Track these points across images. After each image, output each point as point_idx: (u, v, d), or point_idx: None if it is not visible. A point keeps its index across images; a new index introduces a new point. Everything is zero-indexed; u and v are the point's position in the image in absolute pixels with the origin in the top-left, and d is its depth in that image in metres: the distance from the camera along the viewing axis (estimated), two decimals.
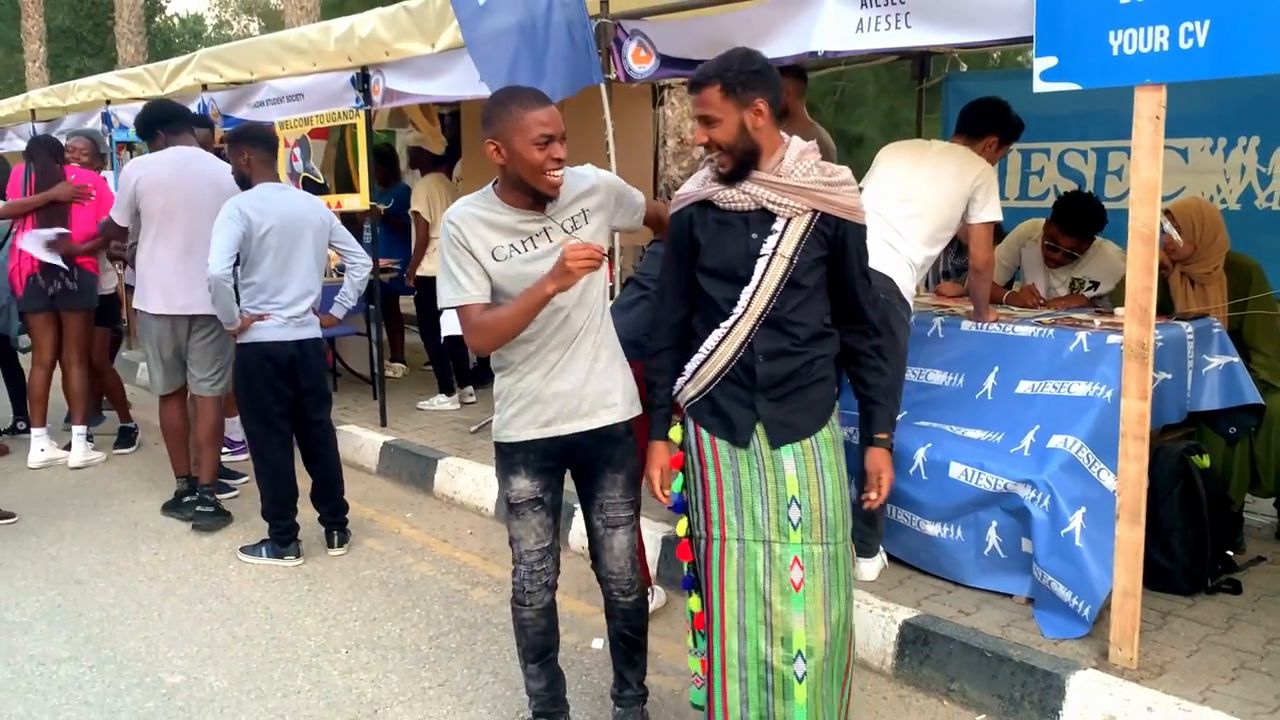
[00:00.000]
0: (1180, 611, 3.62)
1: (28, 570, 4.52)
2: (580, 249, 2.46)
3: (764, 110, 2.50)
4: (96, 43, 28.00)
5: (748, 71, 2.49)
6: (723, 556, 2.61)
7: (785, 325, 2.56)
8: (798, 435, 2.58)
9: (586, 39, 4.39)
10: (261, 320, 4.41)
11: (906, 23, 3.56)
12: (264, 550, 4.55)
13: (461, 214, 2.68)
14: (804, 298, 2.56)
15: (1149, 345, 3.09)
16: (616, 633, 3.00)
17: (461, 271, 2.64)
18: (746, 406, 2.59)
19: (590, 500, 2.89)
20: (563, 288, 2.52)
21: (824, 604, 2.56)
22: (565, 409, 2.74)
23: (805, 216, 2.52)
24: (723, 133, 2.51)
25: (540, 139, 2.56)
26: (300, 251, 4.48)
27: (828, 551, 2.57)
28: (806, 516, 2.56)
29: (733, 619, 2.59)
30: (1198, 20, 2.83)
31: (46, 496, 5.58)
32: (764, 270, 2.53)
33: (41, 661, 3.66)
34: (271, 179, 4.54)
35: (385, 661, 3.63)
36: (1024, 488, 3.59)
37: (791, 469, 2.57)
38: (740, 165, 2.53)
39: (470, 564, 4.56)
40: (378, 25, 5.64)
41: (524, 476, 2.78)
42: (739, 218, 2.57)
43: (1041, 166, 6.10)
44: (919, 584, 3.87)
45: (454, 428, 6.34)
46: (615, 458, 2.83)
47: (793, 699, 2.56)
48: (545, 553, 2.85)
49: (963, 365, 4.11)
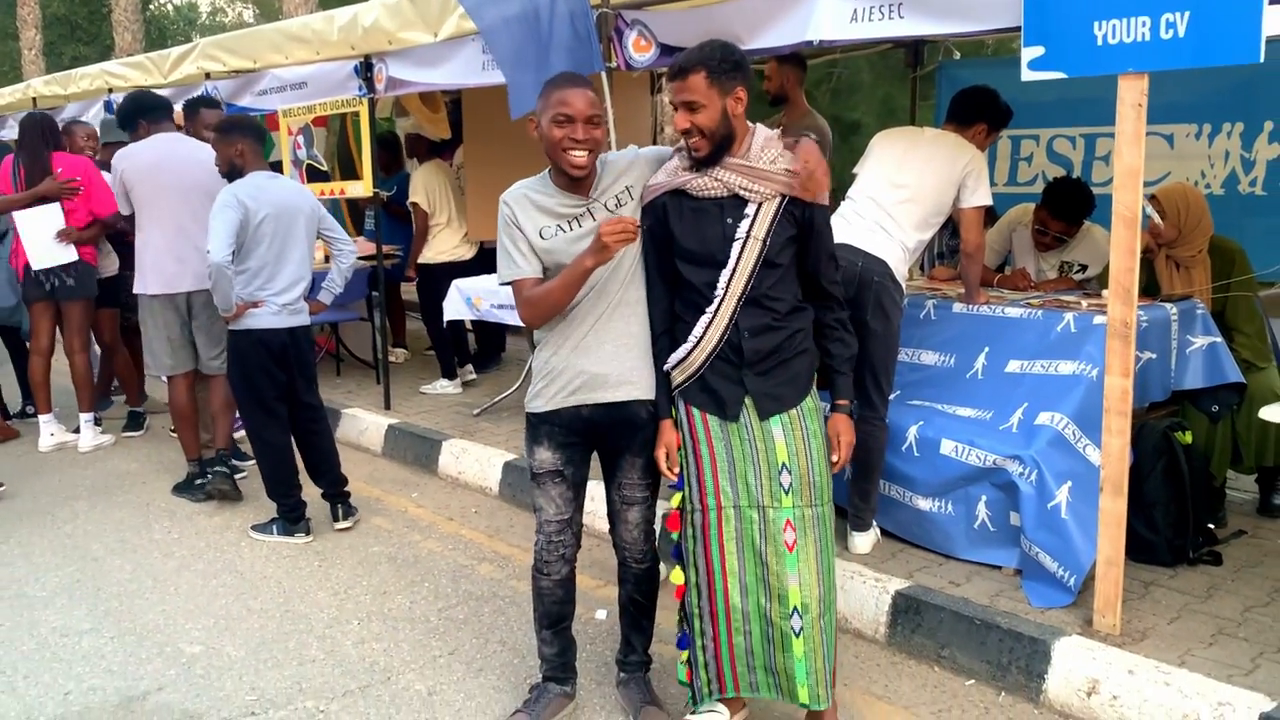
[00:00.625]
0: (1163, 582, 3.76)
1: (45, 548, 4.64)
2: (615, 223, 2.61)
3: (743, 98, 2.68)
4: (92, 30, 27.95)
5: (731, 61, 2.66)
6: (720, 524, 2.80)
7: (765, 302, 2.74)
8: (784, 406, 2.77)
9: (588, 28, 4.50)
10: (255, 308, 4.52)
11: (899, 13, 3.67)
12: (275, 528, 4.68)
13: (515, 195, 2.84)
14: (779, 276, 2.74)
15: (1132, 324, 3.22)
16: (627, 597, 3.14)
17: (515, 249, 2.80)
18: (735, 383, 2.77)
19: (611, 478, 3.05)
20: (600, 261, 2.68)
21: (816, 562, 2.76)
22: (590, 381, 2.87)
23: (775, 200, 2.69)
24: (706, 118, 2.65)
25: (559, 117, 2.69)
26: (293, 239, 4.59)
27: (817, 513, 2.77)
28: (796, 481, 2.75)
29: (734, 579, 2.80)
30: (1178, 11, 2.94)
31: (59, 478, 5.70)
32: (739, 253, 2.70)
33: (64, 633, 3.79)
34: (262, 168, 4.65)
35: (396, 632, 3.76)
36: (1012, 463, 3.72)
37: (780, 438, 2.76)
38: (716, 150, 2.69)
39: (476, 541, 4.68)
40: (381, 15, 5.74)
41: (547, 448, 2.93)
42: (713, 204, 2.73)
43: (1030, 153, 6.23)
44: (911, 557, 4.01)
45: (457, 410, 6.46)
46: (635, 445, 2.96)
47: (791, 652, 2.77)
48: (564, 525, 2.98)
49: (954, 346, 4.24)
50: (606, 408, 2.89)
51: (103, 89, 8.84)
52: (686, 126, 2.66)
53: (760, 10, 4.09)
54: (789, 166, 2.68)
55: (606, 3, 4.58)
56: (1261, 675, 3.08)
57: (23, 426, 6.67)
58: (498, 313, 5.97)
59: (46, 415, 6.25)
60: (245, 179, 4.56)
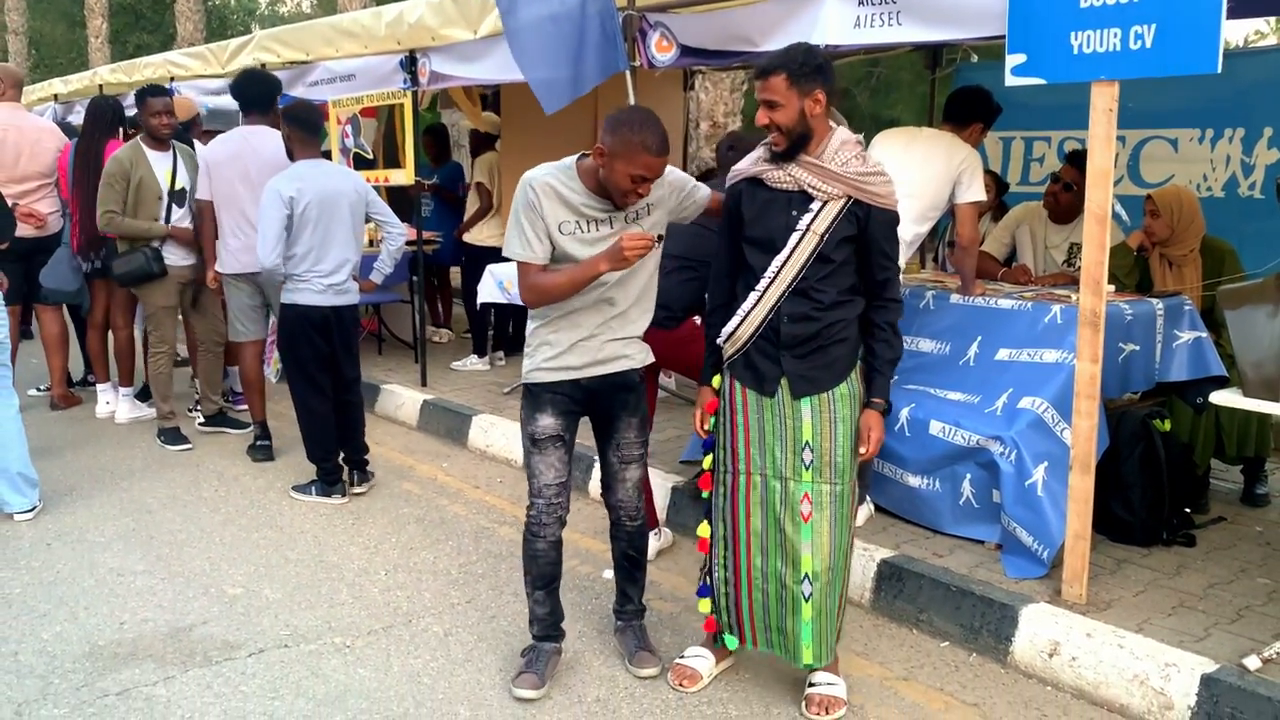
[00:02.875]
0: (1135, 560, 3.99)
1: (104, 501, 5.04)
2: (637, 238, 2.89)
3: (821, 100, 2.88)
4: (155, 19, 28.73)
5: (812, 65, 2.88)
6: (748, 489, 3.11)
7: (811, 293, 2.96)
8: (817, 389, 3.00)
9: (615, 29, 4.79)
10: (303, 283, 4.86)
11: (898, 20, 3.93)
12: (313, 489, 5.04)
13: (543, 183, 3.01)
14: (830, 270, 2.95)
15: (1101, 314, 3.46)
16: (621, 553, 3.43)
17: (531, 232, 3.02)
18: (773, 362, 3.03)
19: (608, 440, 3.31)
20: (615, 269, 2.96)
21: (829, 536, 3.03)
22: (592, 355, 3.15)
23: (840, 201, 2.91)
24: (784, 116, 2.89)
25: (638, 177, 2.93)
26: (337, 223, 4.89)
27: (834, 490, 3.02)
28: (817, 460, 3.01)
29: (756, 540, 3.12)
30: (1146, 24, 3.18)
31: (116, 441, 6.12)
32: (796, 243, 2.94)
33: (120, 573, 4.17)
34: (310, 155, 4.96)
35: (419, 582, 4.09)
36: (994, 443, 3.97)
37: (808, 417, 3.01)
38: (793, 146, 2.93)
39: (499, 507, 5.01)
40: (425, 12, 6.08)
41: (550, 414, 3.17)
42: (783, 196, 2.98)
43: (1043, 154, 6.43)
44: (900, 530, 4.27)
45: (488, 389, 6.80)
46: (630, 403, 3.26)
47: (800, 615, 3.07)
48: (562, 487, 3.25)
49: (949, 334, 4.49)
50: (604, 378, 3.19)
51: (165, 77, 9.27)
52: (766, 122, 2.91)
53: (771, 15, 4.36)
54: (863, 170, 2.88)
55: (632, 5, 4.87)
56: (1211, 642, 3.31)
57: (87, 395, 7.10)
58: None
59: (104, 384, 6.68)
60: (289, 170, 4.89)
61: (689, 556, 4.39)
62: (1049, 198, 4.99)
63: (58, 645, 3.56)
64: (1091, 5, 3.29)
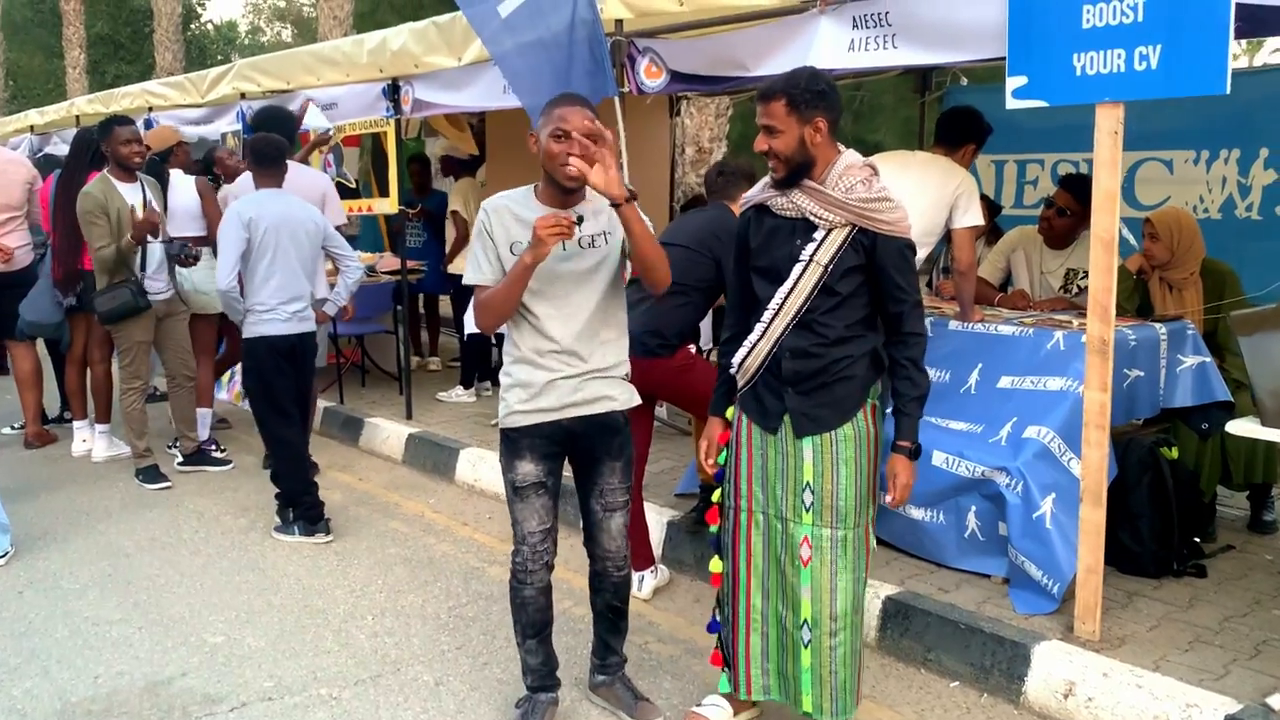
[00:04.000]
0: (1146, 592, 3.88)
1: (80, 544, 4.88)
2: (548, 219, 2.72)
3: (823, 128, 2.75)
4: (135, 49, 28.65)
5: (813, 91, 2.74)
6: (750, 526, 2.98)
7: (815, 326, 2.82)
8: (820, 428, 2.85)
9: (603, 55, 4.70)
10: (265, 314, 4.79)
11: (893, 43, 3.85)
12: (296, 529, 4.89)
13: (496, 205, 2.96)
14: (836, 303, 2.80)
15: (1109, 341, 3.37)
16: (605, 605, 3.26)
17: (481, 254, 2.93)
18: (777, 397, 2.90)
19: (590, 486, 3.14)
20: (539, 257, 2.77)
21: (830, 582, 2.86)
22: (569, 396, 2.98)
23: (845, 229, 2.77)
24: (783, 143, 2.77)
25: (558, 131, 2.83)
26: (296, 252, 4.85)
27: (835, 536, 2.85)
28: (818, 502, 2.86)
29: (758, 580, 2.98)
30: (1151, 45, 3.11)
31: (93, 480, 5.95)
32: (800, 274, 2.80)
33: (96, 622, 4.01)
34: (271, 186, 4.94)
35: (408, 627, 3.94)
36: (1000, 474, 3.86)
37: (809, 457, 2.86)
38: (793, 174, 2.80)
39: (488, 545, 4.87)
40: (408, 39, 5.98)
41: (529, 461, 3.01)
42: (788, 224, 2.86)
43: (1036, 176, 6.38)
44: (904, 565, 4.15)
45: (475, 421, 6.66)
46: (614, 447, 3.09)
47: (800, 661, 2.92)
48: (546, 534, 3.09)
49: (949, 362, 4.39)
50: (586, 419, 3.03)
51: (143, 107, 9.16)
52: (764, 149, 2.79)
53: (764, 40, 4.28)
54: (867, 196, 2.74)
55: (620, 31, 4.79)
56: (1232, 680, 3.20)
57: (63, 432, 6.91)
58: None
59: (80, 421, 6.51)
60: (250, 197, 4.89)
61: (687, 595, 4.26)
62: (1043, 223, 4.91)
63: (28, 703, 3.40)
64: (1094, 26, 3.21)
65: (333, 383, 7.49)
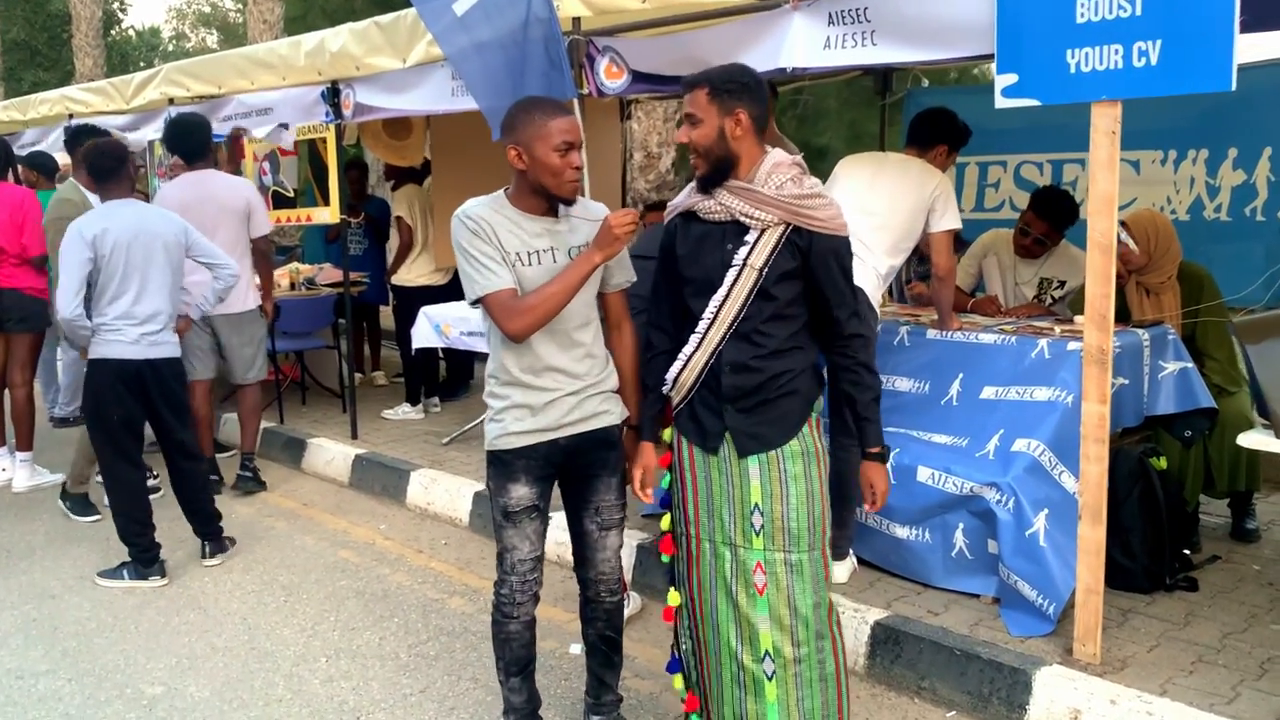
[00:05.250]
0: (1140, 609, 3.75)
1: (0, 585, 4.50)
2: (623, 214, 2.62)
3: (743, 120, 2.58)
4: (52, 55, 27.63)
5: (736, 81, 2.59)
6: (697, 555, 2.74)
7: (754, 337, 2.62)
8: (763, 446, 2.65)
9: (560, 54, 4.46)
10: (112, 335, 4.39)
11: (872, 40, 3.67)
12: (125, 573, 4.49)
13: (480, 213, 2.73)
14: (775, 310, 2.61)
15: (1108, 350, 3.22)
16: (598, 635, 3.05)
17: (490, 260, 2.68)
18: (716, 415, 2.68)
19: (584, 505, 2.94)
20: (610, 256, 2.68)
21: (789, 608, 2.63)
22: (568, 414, 2.79)
23: (778, 229, 2.58)
24: (701, 134, 2.60)
25: (561, 145, 2.66)
26: (152, 268, 4.44)
27: (789, 559, 2.63)
28: (768, 525, 2.63)
29: (709, 612, 2.73)
30: (1150, 40, 2.96)
31: (15, 513, 5.55)
32: (734, 280, 2.60)
33: (19, 675, 3.66)
34: (119, 196, 4.51)
35: (366, 670, 3.66)
36: (989, 490, 3.70)
37: (756, 478, 2.64)
38: (714, 171, 2.62)
39: (446, 574, 4.59)
40: (348, 40, 5.68)
41: (524, 484, 2.81)
42: (717, 229, 2.66)
43: (998, 179, 6.27)
44: (889, 586, 3.97)
45: (425, 440, 6.37)
46: (611, 462, 2.91)
47: (764, 697, 2.66)
48: (536, 562, 2.88)
49: (928, 372, 4.23)
50: (583, 435, 2.84)
51: (63, 114, 8.71)
52: (684, 140, 2.63)
53: (732, 38, 4.08)
54: (798, 192, 2.58)
55: (578, 29, 4.56)
56: (1243, 704, 3.06)
57: None
58: (467, 340, 5.91)
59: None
60: (96, 209, 4.50)
61: (661, 624, 4.02)
62: (1018, 242, 4.80)
63: None
64: (1089, 20, 3.06)
65: (272, 401, 7.13)
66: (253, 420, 5.87)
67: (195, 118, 5.88)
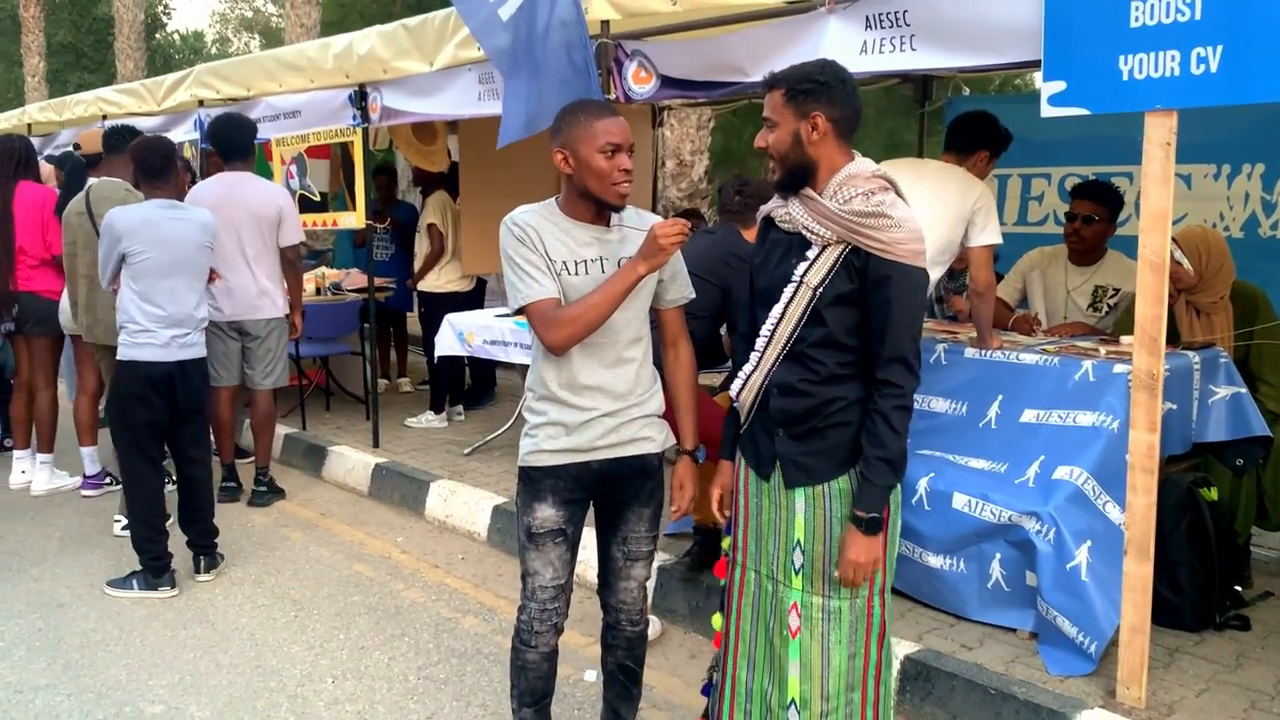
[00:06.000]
0: (1188, 649, 3.54)
1: (9, 593, 4.42)
2: (671, 224, 2.46)
3: (820, 124, 2.36)
4: (97, 58, 27.99)
5: (814, 81, 2.38)
6: (741, 584, 2.60)
7: (805, 360, 2.42)
8: (811, 479, 2.45)
9: (586, 59, 4.33)
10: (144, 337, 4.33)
11: (911, 45, 3.50)
12: (135, 582, 4.39)
13: (528, 220, 2.61)
14: (826, 334, 2.39)
15: (1159, 376, 3.03)
16: (616, 664, 2.91)
17: (534, 268, 2.57)
18: (770, 439, 2.50)
19: (613, 532, 2.80)
20: (654, 267, 2.51)
21: (822, 659, 2.45)
22: (605, 436, 2.65)
23: (837, 247, 2.37)
24: (777, 139, 2.41)
25: (607, 148, 2.53)
26: (185, 271, 4.40)
27: (828, 605, 2.45)
28: (808, 565, 2.46)
29: (745, 648, 2.59)
30: (1210, 46, 2.77)
31: (31, 517, 5.48)
32: (789, 298, 2.42)
33: (18, 689, 3.56)
34: (160, 196, 4.45)
35: (372, 693, 3.53)
36: (1029, 520, 3.51)
37: (800, 512, 2.46)
38: (789, 177, 2.43)
39: (461, 591, 4.46)
40: (376, 43, 5.60)
41: (551, 505, 2.67)
42: (785, 239, 2.48)
43: (1041, 192, 6.05)
44: (920, 617, 3.79)
45: (447, 449, 6.25)
46: (645, 493, 2.76)
47: None
48: (559, 590, 2.73)
49: (966, 393, 4.04)
50: (618, 461, 2.69)
51: (97, 115, 8.73)
52: (762, 145, 2.45)
53: (765, 42, 3.93)
54: (863, 209, 2.32)
55: (606, 32, 4.42)
56: None
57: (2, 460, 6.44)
58: (490, 349, 5.79)
59: (22, 451, 6.04)
60: (133, 207, 4.43)
61: (681, 650, 3.88)
62: (1071, 238, 4.54)
63: None
64: (1144, 25, 2.88)
65: (295, 408, 7.05)
66: (266, 431, 5.76)
67: (243, 117, 5.83)
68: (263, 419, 5.73)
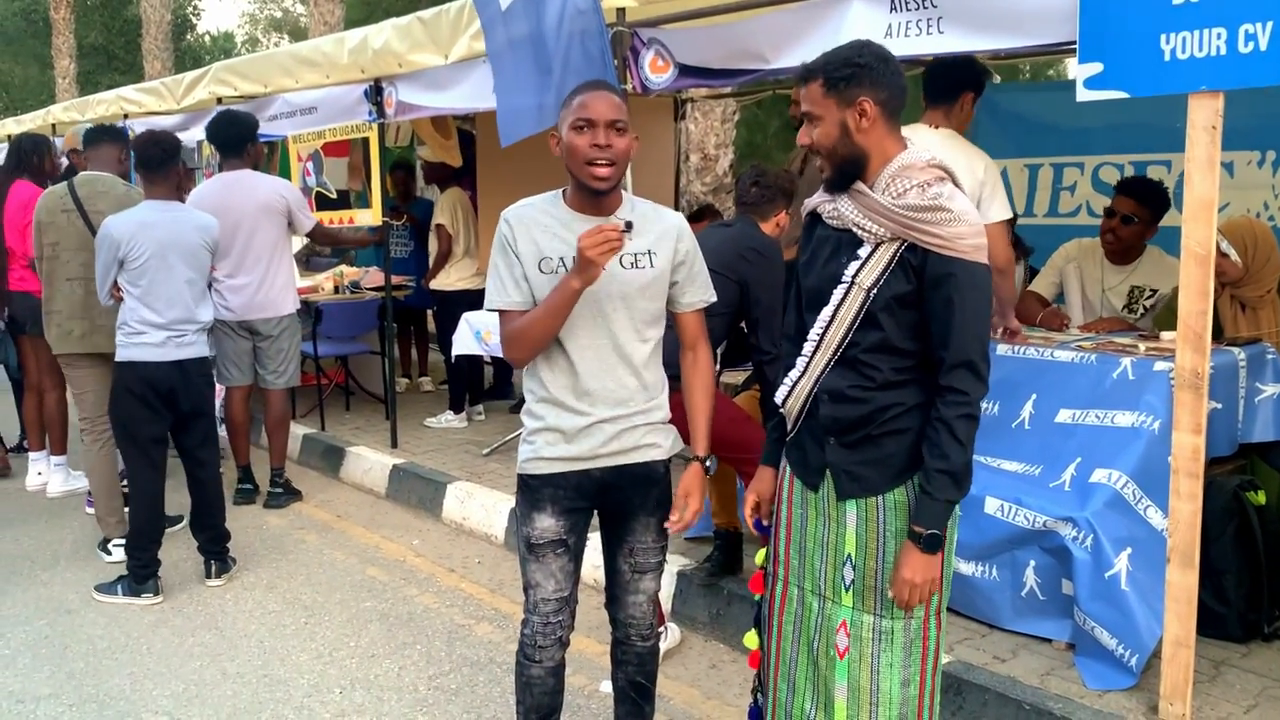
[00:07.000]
0: (1235, 661, 3.36)
1: (19, 598, 4.35)
2: (593, 233, 2.27)
3: (869, 111, 2.18)
4: (128, 60, 28.17)
5: (854, 64, 2.18)
6: (783, 600, 2.45)
7: (858, 365, 2.25)
8: (865, 491, 2.29)
9: (602, 48, 4.19)
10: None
11: (939, 28, 3.34)
12: (120, 588, 4.30)
13: (518, 215, 2.50)
14: (881, 338, 2.23)
15: (1204, 374, 2.86)
16: (627, 680, 2.77)
17: (506, 274, 2.47)
18: (820, 448, 2.34)
19: (619, 543, 2.66)
20: (588, 281, 2.34)
21: (871, 683, 2.29)
22: (606, 444, 2.51)
23: (892, 245, 2.20)
24: (823, 133, 2.23)
25: (579, 122, 2.38)
26: (182, 275, 4.30)
27: (879, 625, 2.29)
28: (859, 581, 2.30)
29: (785, 669, 2.44)
30: (1259, 22, 2.61)
31: (45, 519, 5.43)
32: (840, 300, 2.25)
33: (20, 699, 3.48)
34: (159, 196, 4.36)
35: (380, 704, 3.42)
36: (1065, 525, 3.34)
37: (852, 525, 2.31)
38: (841, 173, 2.25)
39: (476, 596, 4.35)
40: (391, 36, 5.49)
41: (550, 514, 2.54)
42: (834, 237, 2.31)
43: (1074, 181, 5.84)
44: (952, 626, 3.62)
45: (466, 450, 6.14)
46: (651, 501, 2.61)
47: None
48: (563, 603, 2.60)
49: (998, 391, 3.84)
50: (621, 469, 2.55)
51: (119, 114, 8.72)
52: (805, 142, 2.28)
53: (786, 27, 3.78)
54: (918, 202, 2.16)
55: (622, 20, 4.29)
56: None
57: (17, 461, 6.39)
58: None
59: (37, 453, 5.99)
60: (131, 210, 4.35)
61: (701, 660, 3.74)
62: (1106, 235, 4.35)
63: None
64: (1188, 1, 2.70)
65: (314, 407, 6.97)
66: (280, 432, 5.67)
67: (240, 113, 5.76)
68: (277, 419, 5.64)
